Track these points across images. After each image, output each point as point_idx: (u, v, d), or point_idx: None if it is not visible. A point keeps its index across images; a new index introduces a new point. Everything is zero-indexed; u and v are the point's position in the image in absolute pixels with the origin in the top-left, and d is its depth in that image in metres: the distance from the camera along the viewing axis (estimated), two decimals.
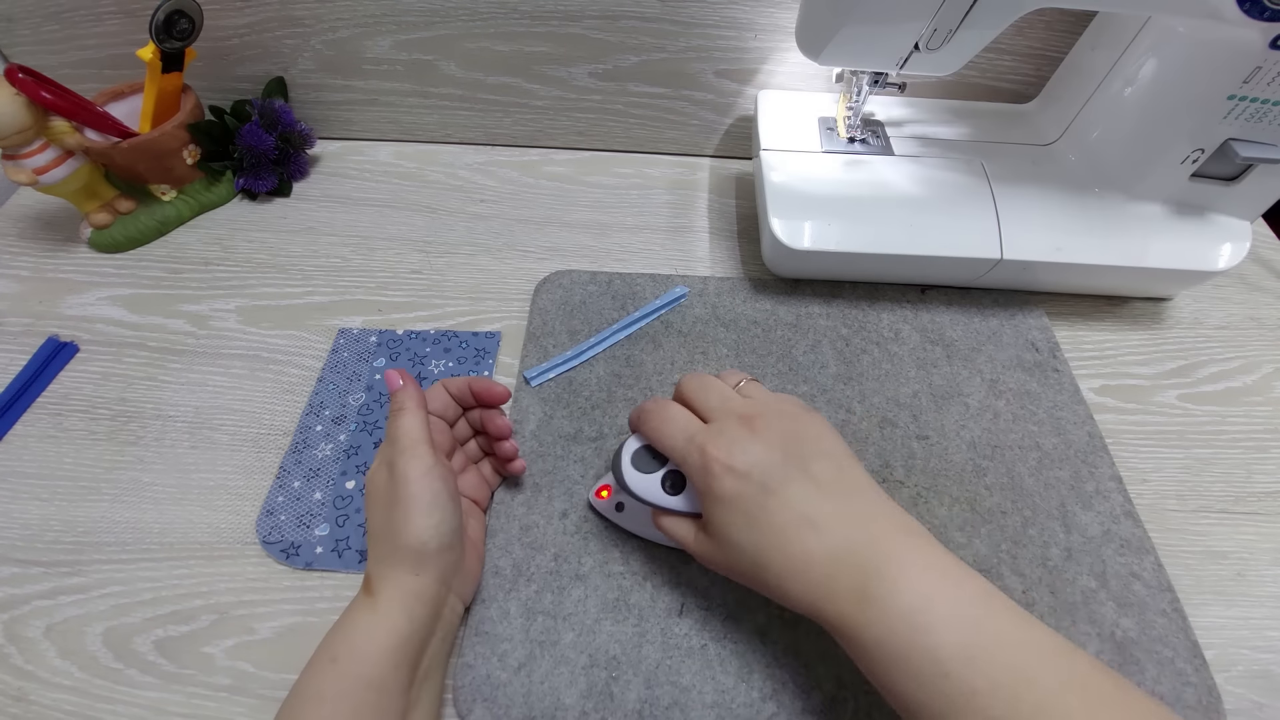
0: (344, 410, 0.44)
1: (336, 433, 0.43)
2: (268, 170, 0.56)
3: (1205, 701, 0.33)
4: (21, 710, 0.33)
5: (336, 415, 0.44)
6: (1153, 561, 0.38)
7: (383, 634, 0.30)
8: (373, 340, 0.48)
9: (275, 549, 0.38)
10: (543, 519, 0.39)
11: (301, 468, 0.41)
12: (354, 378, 0.46)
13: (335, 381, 0.45)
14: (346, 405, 0.44)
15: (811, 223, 0.47)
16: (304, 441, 0.42)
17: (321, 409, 0.44)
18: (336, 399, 0.44)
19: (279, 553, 0.38)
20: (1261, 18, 0.35)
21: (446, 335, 0.48)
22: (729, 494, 0.29)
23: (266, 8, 0.54)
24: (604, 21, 0.54)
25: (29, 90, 0.44)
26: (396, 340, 0.48)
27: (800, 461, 0.29)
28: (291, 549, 0.38)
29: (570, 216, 0.57)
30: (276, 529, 0.39)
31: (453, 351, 0.47)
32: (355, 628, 0.30)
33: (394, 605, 0.30)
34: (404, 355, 0.47)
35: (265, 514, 0.39)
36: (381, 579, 0.31)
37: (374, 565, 0.32)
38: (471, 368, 0.46)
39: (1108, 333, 0.50)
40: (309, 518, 0.39)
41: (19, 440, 0.43)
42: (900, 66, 0.42)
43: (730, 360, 0.46)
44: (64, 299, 0.50)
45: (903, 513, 0.29)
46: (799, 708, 0.33)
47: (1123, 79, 0.45)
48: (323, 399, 0.44)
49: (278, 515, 0.39)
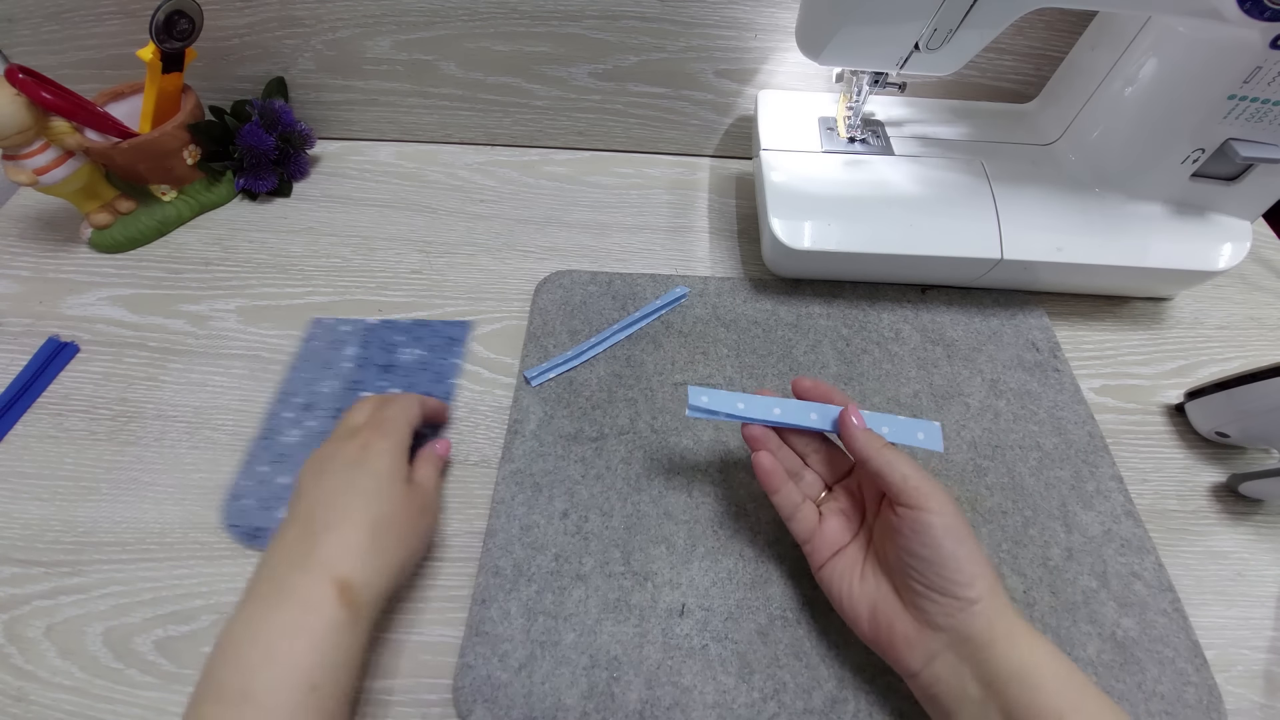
0: (314, 398, 0.44)
1: (305, 419, 0.43)
2: (268, 170, 0.56)
3: (1206, 701, 0.33)
4: (21, 710, 0.33)
5: (306, 403, 0.44)
6: (1153, 561, 0.38)
7: (359, 652, 0.29)
8: (345, 329, 0.48)
9: (239, 532, 0.38)
10: (543, 519, 0.39)
11: (269, 453, 0.41)
12: (325, 366, 0.46)
13: (306, 370, 0.45)
14: (316, 393, 0.44)
15: (811, 223, 0.47)
16: (273, 428, 0.43)
17: (291, 396, 0.44)
18: (306, 387, 0.45)
19: (242, 535, 0.38)
20: (1262, 18, 0.35)
21: (419, 324, 0.48)
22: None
23: (266, 8, 0.54)
24: (604, 21, 0.54)
25: (29, 90, 0.44)
26: (369, 329, 0.48)
27: None
28: (255, 533, 0.38)
29: (570, 216, 0.57)
30: (241, 513, 0.39)
31: (424, 340, 0.47)
32: (338, 650, 0.28)
33: (372, 620, 0.29)
34: (375, 344, 0.47)
35: (232, 498, 0.40)
36: (372, 592, 0.30)
37: (367, 576, 0.30)
38: (442, 356, 0.46)
39: (1108, 333, 0.50)
40: (274, 502, 0.39)
41: (19, 440, 0.42)
42: (900, 66, 0.42)
43: (730, 361, 0.46)
44: (64, 299, 0.50)
45: None
46: (800, 708, 0.33)
47: (1123, 79, 0.45)
48: (294, 386, 0.45)
49: (243, 499, 0.40)
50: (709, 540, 0.38)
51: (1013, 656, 0.28)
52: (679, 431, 0.43)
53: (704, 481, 0.41)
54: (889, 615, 0.30)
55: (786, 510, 0.34)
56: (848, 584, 0.32)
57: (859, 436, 0.31)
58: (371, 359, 0.46)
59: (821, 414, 0.34)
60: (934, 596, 0.29)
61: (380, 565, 0.31)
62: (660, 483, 0.40)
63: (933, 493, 0.29)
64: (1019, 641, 0.28)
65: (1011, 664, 0.27)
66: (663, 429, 0.43)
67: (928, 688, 0.29)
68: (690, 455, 0.42)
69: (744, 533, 0.38)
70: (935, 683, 0.29)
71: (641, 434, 0.42)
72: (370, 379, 0.45)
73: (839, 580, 0.33)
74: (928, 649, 0.29)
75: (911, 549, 0.29)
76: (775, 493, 0.34)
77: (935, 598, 0.29)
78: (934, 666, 0.29)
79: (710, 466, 0.41)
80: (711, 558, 0.38)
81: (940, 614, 0.29)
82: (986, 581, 0.29)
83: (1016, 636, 0.28)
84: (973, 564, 0.29)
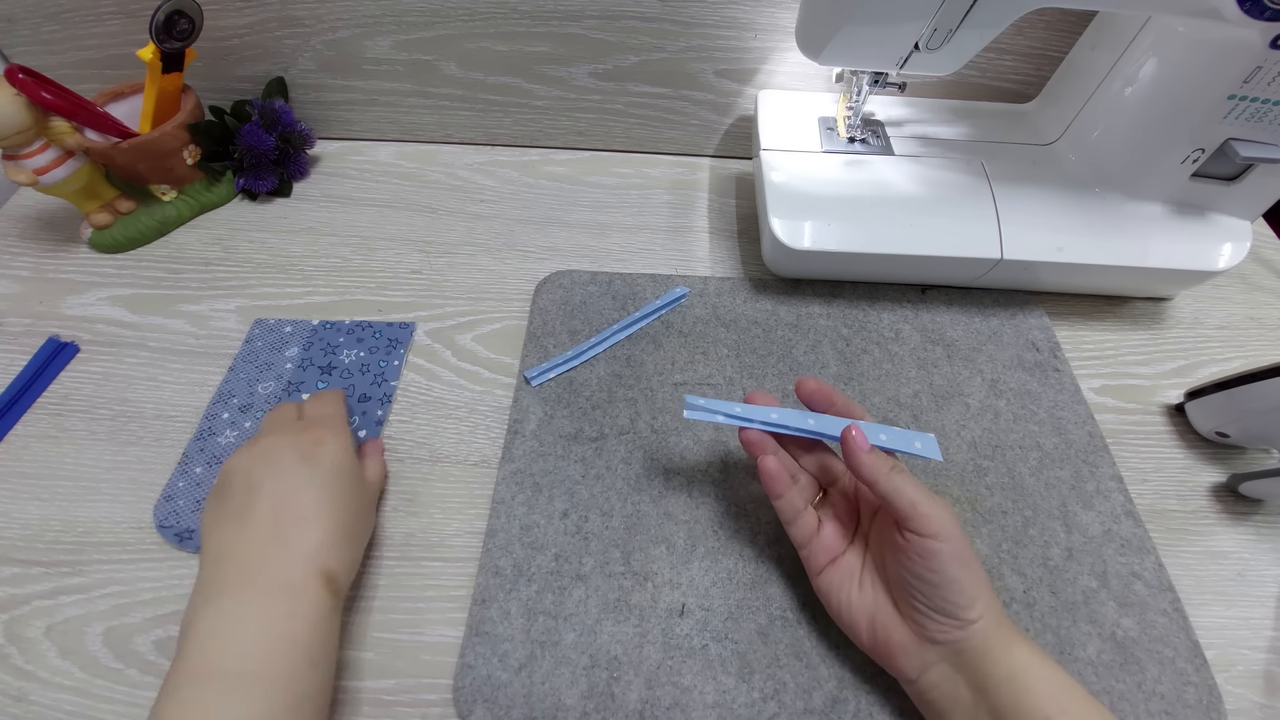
0: (251, 399, 0.44)
1: (242, 420, 0.43)
2: (268, 170, 0.56)
3: (1206, 701, 0.33)
4: (21, 710, 0.33)
5: (244, 404, 0.43)
6: (1153, 561, 0.38)
7: (339, 633, 0.32)
8: (287, 330, 0.47)
9: (169, 533, 0.38)
10: (543, 519, 0.39)
11: (204, 455, 0.41)
12: (265, 367, 0.45)
13: (246, 370, 0.45)
14: (255, 394, 0.44)
15: (811, 223, 0.47)
16: (209, 429, 0.42)
17: (229, 397, 0.44)
18: (245, 388, 0.44)
19: (173, 537, 0.38)
20: (1261, 17, 0.35)
21: (360, 325, 0.48)
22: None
23: (266, 8, 0.54)
24: (604, 21, 0.54)
25: (29, 90, 0.44)
26: (311, 330, 0.47)
27: None
28: (186, 534, 0.38)
29: (570, 216, 0.57)
30: (173, 514, 0.39)
31: (365, 341, 0.47)
32: (329, 633, 0.31)
33: (342, 606, 0.32)
34: (317, 345, 0.47)
35: (164, 499, 0.39)
36: (347, 580, 0.33)
37: (344, 567, 0.33)
38: (383, 358, 0.46)
39: (1108, 333, 0.50)
40: None
41: (19, 440, 0.42)
42: (900, 66, 0.42)
43: (730, 360, 0.46)
44: (64, 299, 0.50)
45: None
46: (800, 708, 0.33)
47: (1123, 79, 0.45)
48: (232, 387, 0.44)
49: (176, 500, 0.39)
50: (709, 540, 0.38)
51: (1003, 663, 0.28)
52: (679, 432, 0.43)
53: (704, 482, 0.41)
54: (886, 626, 0.31)
55: (788, 515, 0.34)
56: (846, 594, 0.33)
57: (864, 462, 0.31)
58: (313, 360, 0.46)
59: (819, 421, 0.34)
60: (935, 616, 0.29)
61: (350, 558, 0.33)
62: (660, 483, 0.40)
63: (940, 519, 0.29)
64: (1011, 649, 0.29)
65: (1002, 670, 0.28)
66: (663, 429, 0.43)
67: (923, 694, 0.30)
68: (690, 455, 0.42)
69: (744, 533, 0.38)
70: (930, 689, 0.30)
71: (641, 434, 0.42)
72: (311, 380, 0.45)
73: (837, 590, 0.33)
74: (924, 659, 0.30)
75: (916, 573, 0.29)
76: (779, 498, 0.34)
77: (936, 617, 0.29)
78: (929, 674, 0.30)
79: (710, 467, 0.41)
80: (711, 558, 0.38)
81: (939, 631, 0.29)
82: (985, 600, 0.29)
83: (1009, 644, 0.29)
84: (974, 585, 0.29)
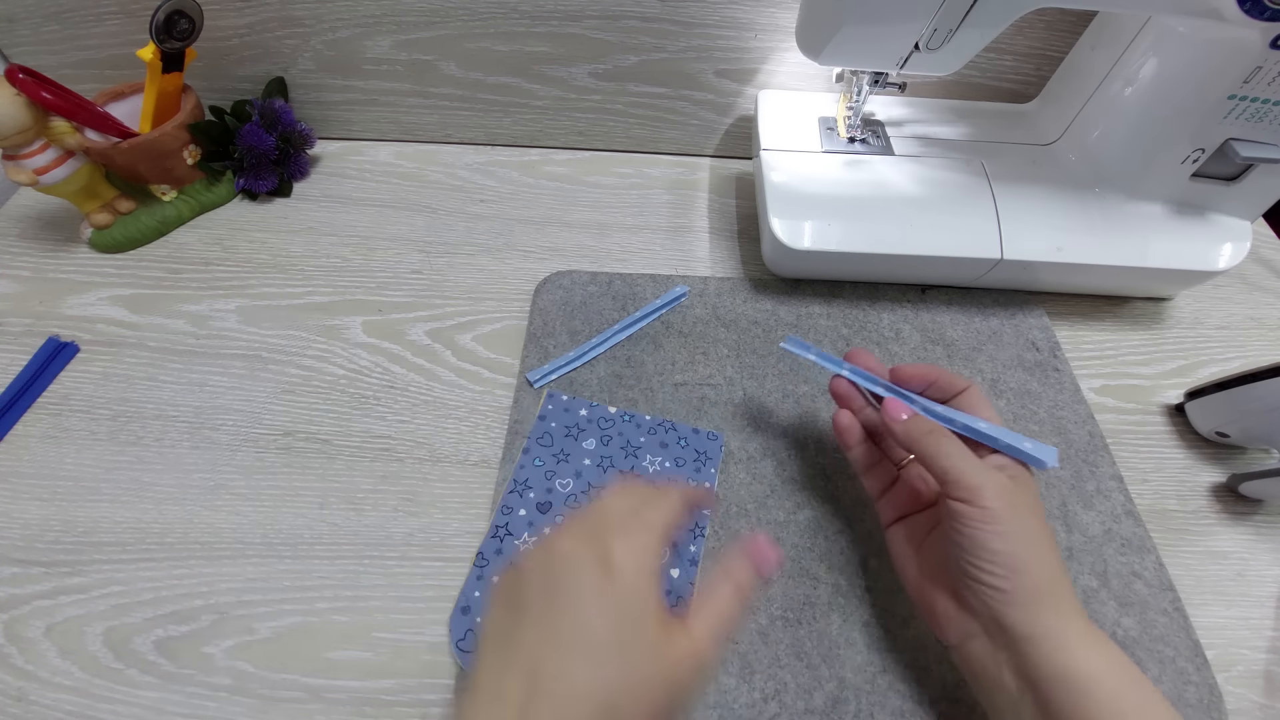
0: (549, 496, 0.38)
1: (541, 523, 0.37)
2: (268, 170, 0.56)
3: (1207, 701, 0.33)
4: (21, 710, 0.33)
5: (541, 501, 0.38)
6: (1154, 561, 0.38)
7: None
8: (582, 414, 0.42)
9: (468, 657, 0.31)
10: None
11: (502, 558, 0.35)
12: (561, 458, 0.40)
13: (543, 458, 0.39)
14: (554, 490, 0.38)
15: (811, 223, 0.47)
16: (506, 528, 0.37)
17: (526, 489, 0.38)
18: (542, 480, 0.39)
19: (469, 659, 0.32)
20: (1261, 18, 0.35)
21: (663, 426, 0.41)
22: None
23: (266, 8, 0.54)
24: (604, 21, 0.54)
25: (29, 90, 0.44)
26: (609, 421, 0.41)
27: None
28: None
29: (570, 216, 0.57)
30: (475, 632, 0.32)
31: (670, 449, 0.40)
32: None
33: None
34: (616, 441, 0.40)
35: (460, 611, 0.33)
36: None
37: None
38: (691, 474, 0.39)
39: (1108, 332, 0.50)
40: None
41: (19, 440, 0.42)
42: (900, 66, 0.42)
43: (731, 360, 0.46)
44: (64, 299, 0.50)
45: None
46: (801, 708, 0.33)
47: (1123, 79, 0.45)
48: (529, 476, 0.39)
49: (474, 614, 0.32)
50: (709, 540, 0.38)
51: (1057, 659, 0.27)
52: None
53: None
54: (934, 588, 0.31)
55: (859, 466, 0.36)
56: (907, 548, 0.34)
57: (899, 429, 0.32)
58: (613, 459, 0.40)
59: (886, 389, 0.35)
60: (968, 583, 0.29)
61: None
62: None
63: (975, 485, 0.29)
64: (1070, 644, 0.27)
65: (1055, 666, 0.27)
66: None
67: (964, 663, 0.31)
68: None
69: (744, 532, 0.38)
70: (970, 661, 0.30)
71: None
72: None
73: (900, 543, 0.34)
74: (965, 628, 0.30)
75: (952, 535, 0.30)
76: (848, 449, 0.36)
77: (970, 584, 0.29)
78: (970, 645, 0.30)
79: None
80: (712, 558, 0.37)
81: (975, 600, 0.29)
82: (1030, 579, 0.28)
83: (1067, 638, 0.27)
84: (1017, 561, 0.28)
